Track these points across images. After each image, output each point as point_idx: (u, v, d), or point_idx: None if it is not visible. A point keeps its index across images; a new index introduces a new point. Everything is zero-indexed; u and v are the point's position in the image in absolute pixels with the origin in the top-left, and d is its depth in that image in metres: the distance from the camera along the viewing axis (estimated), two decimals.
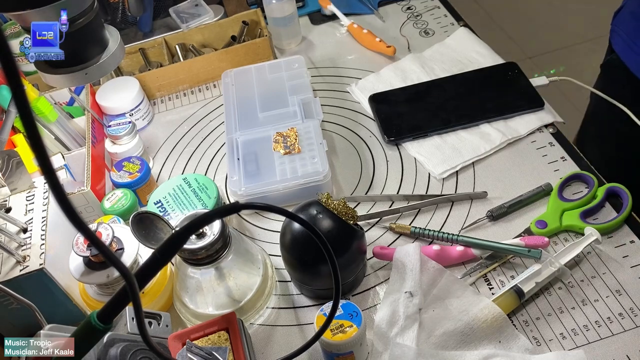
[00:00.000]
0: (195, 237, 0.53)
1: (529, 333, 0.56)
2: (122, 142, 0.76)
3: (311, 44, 0.97)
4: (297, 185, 0.69)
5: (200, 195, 0.68)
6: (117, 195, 0.68)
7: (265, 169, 0.71)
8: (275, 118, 0.77)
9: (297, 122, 0.75)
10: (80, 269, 0.57)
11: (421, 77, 0.85)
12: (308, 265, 0.58)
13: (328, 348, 0.51)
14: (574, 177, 0.68)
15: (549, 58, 2.02)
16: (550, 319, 0.57)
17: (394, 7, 1.02)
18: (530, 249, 0.59)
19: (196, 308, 0.58)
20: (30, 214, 0.61)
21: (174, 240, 0.38)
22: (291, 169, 0.70)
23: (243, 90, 0.82)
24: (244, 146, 0.74)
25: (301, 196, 0.69)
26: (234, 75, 0.84)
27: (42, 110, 0.73)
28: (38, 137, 0.25)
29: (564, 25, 2.12)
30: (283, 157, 0.71)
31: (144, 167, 0.72)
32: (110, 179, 0.72)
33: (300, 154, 0.71)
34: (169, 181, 0.70)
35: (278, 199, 0.70)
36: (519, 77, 0.81)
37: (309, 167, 0.70)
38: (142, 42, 0.94)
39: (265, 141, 0.74)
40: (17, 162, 0.64)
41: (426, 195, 0.70)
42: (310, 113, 0.77)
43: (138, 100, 0.85)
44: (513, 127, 0.76)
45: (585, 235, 0.61)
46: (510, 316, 0.57)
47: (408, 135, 0.77)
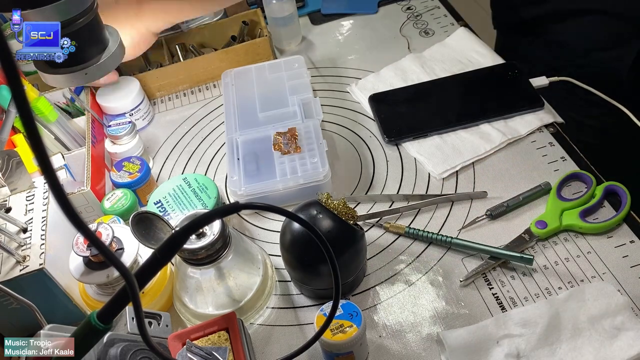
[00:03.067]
0: (195, 237, 0.53)
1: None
2: (122, 142, 0.76)
3: (311, 44, 0.97)
4: (297, 185, 0.69)
5: (200, 195, 0.68)
6: (117, 195, 0.68)
7: (265, 169, 0.70)
8: (275, 118, 0.77)
9: (297, 122, 0.75)
10: (80, 269, 0.57)
11: (421, 77, 0.85)
12: (308, 265, 0.58)
13: (328, 348, 0.51)
14: (572, 177, 0.68)
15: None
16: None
17: (394, 7, 1.02)
18: (523, 254, 0.60)
19: (196, 308, 0.58)
20: (30, 214, 0.61)
21: (174, 240, 0.38)
22: (291, 169, 0.70)
23: (243, 90, 0.82)
24: (243, 146, 0.74)
25: (301, 196, 0.69)
26: (234, 75, 0.84)
27: (42, 110, 0.73)
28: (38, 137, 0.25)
29: None
30: (283, 157, 0.71)
31: (144, 167, 0.72)
32: (111, 179, 0.72)
33: (300, 154, 0.71)
34: (168, 181, 0.70)
35: (278, 199, 0.70)
36: (519, 77, 0.81)
37: (309, 167, 0.69)
38: None
39: (265, 141, 0.74)
40: (17, 162, 0.64)
41: (426, 195, 0.70)
42: (310, 113, 0.77)
43: (138, 100, 0.85)
44: (513, 127, 0.76)
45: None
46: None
47: (408, 135, 0.77)
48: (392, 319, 0.60)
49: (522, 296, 0.59)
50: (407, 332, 0.58)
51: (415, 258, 0.65)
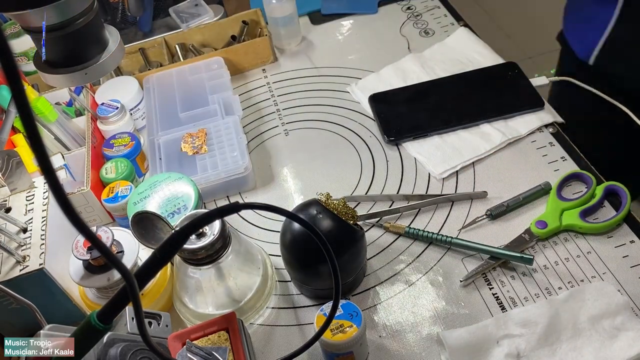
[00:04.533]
0: (195, 237, 0.53)
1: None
2: (111, 121, 0.79)
3: (311, 44, 0.97)
4: (220, 180, 0.72)
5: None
6: (111, 166, 0.72)
7: (186, 166, 0.74)
8: (196, 117, 0.80)
9: (218, 119, 0.79)
10: (80, 272, 0.57)
11: (421, 77, 0.85)
12: (308, 265, 0.58)
13: (328, 348, 0.51)
14: (572, 177, 0.68)
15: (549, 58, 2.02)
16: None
17: (394, 7, 1.02)
18: (523, 254, 0.60)
19: (196, 308, 0.58)
20: (30, 214, 0.61)
21: (174, 240, 0.38)
22: (212, 164, 0.73)
23: (164, 93, 0.85)
24: (165, 146, 0.77)
25: (225, 189, 0.74)
26: (155, 80, 0.87)
27: (42, 110, 0.73)
28: (38, 137, 0.25)
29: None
30: (204, 154, 0.74)
31: (134, 138, 0.76)
32: (107, 157, 0.75)
33: (221, 149, 0.74)
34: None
35: (204, 194, 0.72)
36: (519, 77, 0.81)
37: (230, 162, 0.73)
38: (142, 42, 0.94)
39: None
40: (17, 162, 0.64)
41: (426, 195, 0.70)
42: (230, 110, 0.80)
43: (138, 100, 0.85)
44: (513, 127, 0.76)
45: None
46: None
47: (408, 135, 0.77)
48: (392, 319, 0.60)
49: (522, 296, 0.59)
50: (407, 332, 0.58)
51: (415, 258, 0.65)
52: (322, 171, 0.76)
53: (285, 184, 0.76)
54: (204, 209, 0.65)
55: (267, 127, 0.84)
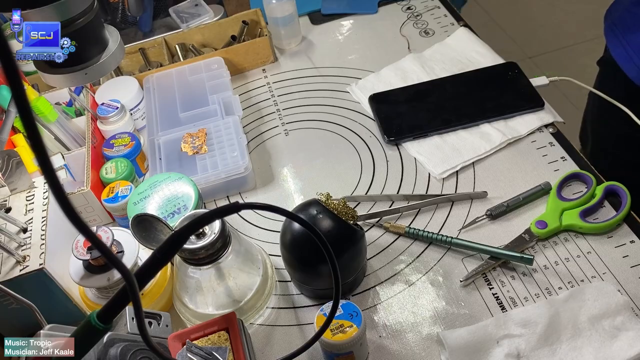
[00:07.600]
0: (195, 237, 0.53)
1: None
2: (111, 121, 0.78)
3: (311, 44, 0.97)
4: (220, 180, 0.72)
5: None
6: (111, 166, 0.72)
7: (186, 166, 0.73)
8: (196, 117, 0.80)
9: (218, 119, 0.78)
10: (80, 272, 0.57)
11: (421, 77, 0.85)
12: (308, 265, 0.58)
13: (328, 348, 0.51)
14: (572, 177, 0.68)
15: (549, 58, 2.02)
16: None
17: (394, 7, 1.02)
18: (523, 254, 0.60)
19: (196, 308, 0.58)
20: (30, 214, 0.61)
21: (174, 240, 0.38)
22: (212, 164, 0.73)
23: (164, 93, 0.85)
24: (165, 146, 0.77)
25: (225, 189, 0.74)
26: (155, 80, 0.87)
27: (42, 110, 0.73)
28: (38, 137, 0.25)
29: (564, 25, 2.12)
30: (204, 154, 0.74)
31: (134, 138, 0.76)
32: (107, 157, 0.75)
33: (221, 149, 0.74)
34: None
35: (204, 194, 0.72)
36: (519, 77, 0.81)
37: (230, 162, 0.72)
38: (142, 42, 0.94)
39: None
40: (17, 162, 0.64)
41: (426, 195, 0.70)
42: (230, 110, 0.80)
43: (137, 100, 0.85)
44: (513, 127, 0.76)
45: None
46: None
47: (408, 135, 0.77)
48: (392, 319, 0.60)
49: (522, 296, 0.59)
50: (407, 332, 0.58)
51: (415, 258, 0.65)
52: (322, 171, 0.76)
53: (285, 184, 0.76)
54: (204, 209, 0.65)
55: (267, 127, 0.84)
